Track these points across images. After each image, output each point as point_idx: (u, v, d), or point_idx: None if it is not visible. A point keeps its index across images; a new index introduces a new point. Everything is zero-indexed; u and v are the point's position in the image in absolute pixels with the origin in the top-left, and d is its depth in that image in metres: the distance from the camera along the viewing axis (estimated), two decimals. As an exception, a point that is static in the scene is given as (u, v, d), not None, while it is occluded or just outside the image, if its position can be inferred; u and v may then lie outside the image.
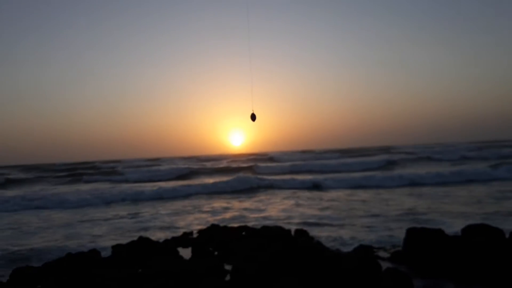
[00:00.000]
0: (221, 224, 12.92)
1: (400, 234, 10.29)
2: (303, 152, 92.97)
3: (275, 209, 18.66)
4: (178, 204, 21.64)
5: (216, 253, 9.96)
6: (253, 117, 7.16)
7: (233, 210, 18.76)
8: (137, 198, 24.53)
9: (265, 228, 11.37)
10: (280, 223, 13.58)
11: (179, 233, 12.97)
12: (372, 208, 17.20)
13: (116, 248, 10.06)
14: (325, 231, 12.74)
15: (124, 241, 11.19)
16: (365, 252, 9.12)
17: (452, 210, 15.74)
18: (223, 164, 60.27)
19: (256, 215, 16.78)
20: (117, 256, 9.47)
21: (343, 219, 14.93)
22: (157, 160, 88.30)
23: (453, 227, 11.78)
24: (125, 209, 20.86)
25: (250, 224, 13.36)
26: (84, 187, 34.82)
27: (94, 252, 9.51)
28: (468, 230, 8.97)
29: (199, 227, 14.10)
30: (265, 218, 15.98)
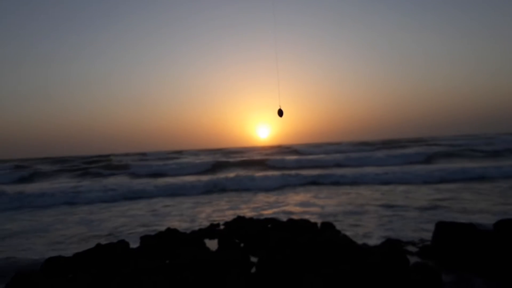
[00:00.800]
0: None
1: (430, 228, 10.06)
2: (331, 144, 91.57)
3: (293, 202, 18.62)
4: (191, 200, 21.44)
5: (242, 245, 10.02)
6: (280, 113, 7.23)
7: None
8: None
9: (291, 221, 11.35)
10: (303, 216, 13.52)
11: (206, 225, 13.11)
12: (402, 203, 16.89)
13: (144, 239, 10.26)
14: (349, 226, 12.63)
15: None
16: (392, 246, 8.97)
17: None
18: (244, 157, 59.23)
19: (276, 209, 16.86)
20: (145, 247, 9.64)
21: (366, 213, 14.74)
22: (180, 153, 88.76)
23: None
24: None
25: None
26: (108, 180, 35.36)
27: (123, 243, 9.71)
28: (501, 225, 8.71)
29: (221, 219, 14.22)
30: (285, 212, 16.01)
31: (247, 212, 15.78)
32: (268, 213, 15.74)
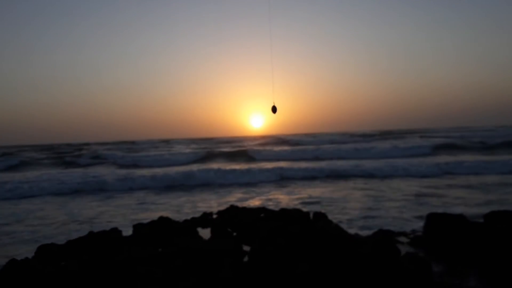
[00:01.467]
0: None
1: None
2: (328, 134, 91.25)
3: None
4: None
5: (234, 234, 10.06)
6: (274, 110, 7.21)
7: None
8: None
9: (283, 210, 11.39)
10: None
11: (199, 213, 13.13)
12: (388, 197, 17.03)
13: (137, 227, 10.25)
14: (340, 215, 12.73)
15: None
16: (384, 236, 9.06)
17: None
18: (230, 148, 57.86)
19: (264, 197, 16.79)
20: (137, 235, 9.65)
21: (357, 203, 14.85)
22: (167, 142, 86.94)
23: None
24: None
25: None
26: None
27: (116, 231, 9.70)
28: (491, 216, 8.82)
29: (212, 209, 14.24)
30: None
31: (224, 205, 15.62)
32: (254, 203, 15.81)
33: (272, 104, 7.21)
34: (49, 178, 25.94)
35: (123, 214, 14.86)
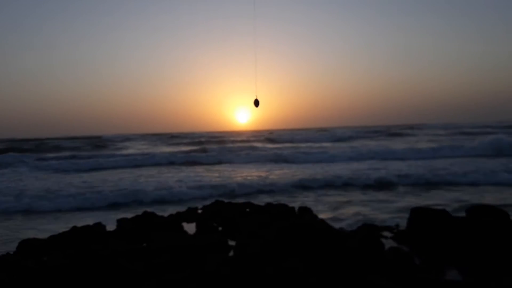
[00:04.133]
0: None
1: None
2: (318, 130, 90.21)
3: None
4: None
5: (220, 228, 10.04)
6: (256, 103, 7.18)
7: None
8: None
9: (269, 205, 11.42)
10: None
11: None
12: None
13: (121, 222, 10.17)
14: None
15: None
16: (368, 231, 9.13)
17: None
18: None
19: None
20: (122, 230, 9.57)
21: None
22: (128, 139, 76.79)
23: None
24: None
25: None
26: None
27: (99, 225, 9.60)
28: (473, 211, 8.96)
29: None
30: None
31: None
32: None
33: (255, 98, 7.18)
34: None
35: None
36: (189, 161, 31.89)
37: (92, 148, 54.99)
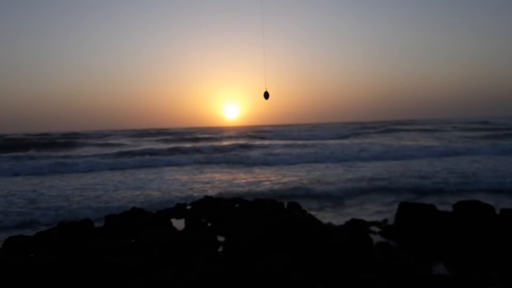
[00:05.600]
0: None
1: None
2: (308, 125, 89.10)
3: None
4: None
5: (209, 225, 10.01)
6: (266, 95, 7.10)
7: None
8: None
9: (258, 200, 11.42)
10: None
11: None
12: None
13: (109, 218, 10.09)
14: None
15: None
16: (357, 226, 9.19)
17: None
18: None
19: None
20: (110, 226, 9.49)
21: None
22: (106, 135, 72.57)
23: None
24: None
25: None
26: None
27: (87, 222, 9.51)
28: (459, 206, 9.06)
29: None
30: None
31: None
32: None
33: (265, 90, 7.11)
34: None
35: None
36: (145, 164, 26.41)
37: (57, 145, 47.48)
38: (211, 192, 14.96)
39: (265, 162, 26.06)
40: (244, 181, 18.48)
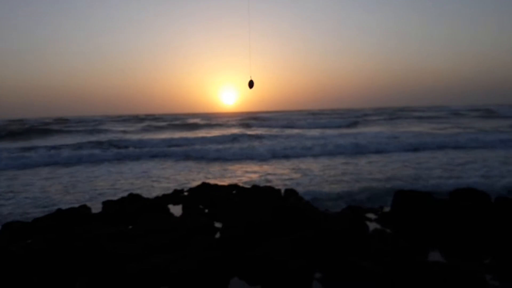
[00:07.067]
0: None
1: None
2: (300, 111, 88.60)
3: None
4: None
5: (206, 211, 10.05)
6: (251, 84, 7.06)
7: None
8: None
9: (255, 187, 11.45)
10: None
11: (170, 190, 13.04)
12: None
13: (106, 204, 10.11)
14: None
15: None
16: (353, 213, 9.24)
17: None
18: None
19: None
20: (107, 212, 9.51)
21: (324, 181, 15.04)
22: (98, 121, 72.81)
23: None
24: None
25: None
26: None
27: (84, 208, 9.54)
28: (455, 193, 9.11)
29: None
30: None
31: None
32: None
33: (250, 79, 7.08)
34: None
35: None
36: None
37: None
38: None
39: (301, 154, 23.53)
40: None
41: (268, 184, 13.05)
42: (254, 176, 16.53)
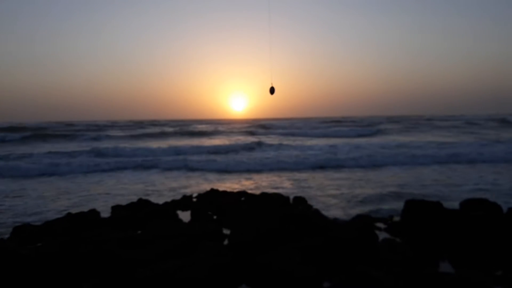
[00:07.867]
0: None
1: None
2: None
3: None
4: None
5: (215, 217, 10.05)
6: (272, 91, 7.16)
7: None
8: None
9: (264, 194, 11.44)
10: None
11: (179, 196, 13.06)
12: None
13: (115, 209, 10.16)
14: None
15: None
16: (363, 222, 9.18)
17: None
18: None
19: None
20: (116, 217, 9.55)
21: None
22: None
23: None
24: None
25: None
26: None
27: (94, 212, 9.59)
28: (466, 204, 9.02)
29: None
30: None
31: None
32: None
33: (271, 85, 7.18)
34: None
35: None
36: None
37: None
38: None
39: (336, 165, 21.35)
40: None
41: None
42: (261, 184, 16.48)
